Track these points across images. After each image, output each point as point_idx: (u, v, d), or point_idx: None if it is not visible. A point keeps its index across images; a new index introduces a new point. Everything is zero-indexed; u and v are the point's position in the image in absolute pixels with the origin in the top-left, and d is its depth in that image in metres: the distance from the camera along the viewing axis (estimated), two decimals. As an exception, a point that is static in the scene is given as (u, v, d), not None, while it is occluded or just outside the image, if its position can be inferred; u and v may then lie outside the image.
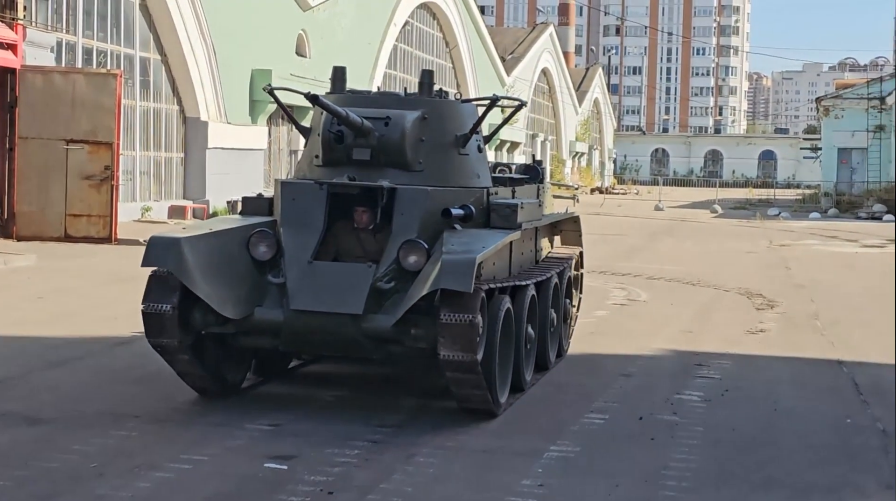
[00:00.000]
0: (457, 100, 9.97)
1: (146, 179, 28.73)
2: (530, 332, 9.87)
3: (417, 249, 8.47)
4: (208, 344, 8.87)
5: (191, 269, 8.10)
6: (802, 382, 10.92)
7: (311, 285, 8.42)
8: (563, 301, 11.48)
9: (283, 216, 8.95)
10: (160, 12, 28.19)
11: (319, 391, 9.61)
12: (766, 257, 26.12)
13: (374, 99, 9.58)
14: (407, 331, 8.30)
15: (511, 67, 65.17)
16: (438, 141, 9.41)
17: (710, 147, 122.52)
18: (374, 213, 8.84)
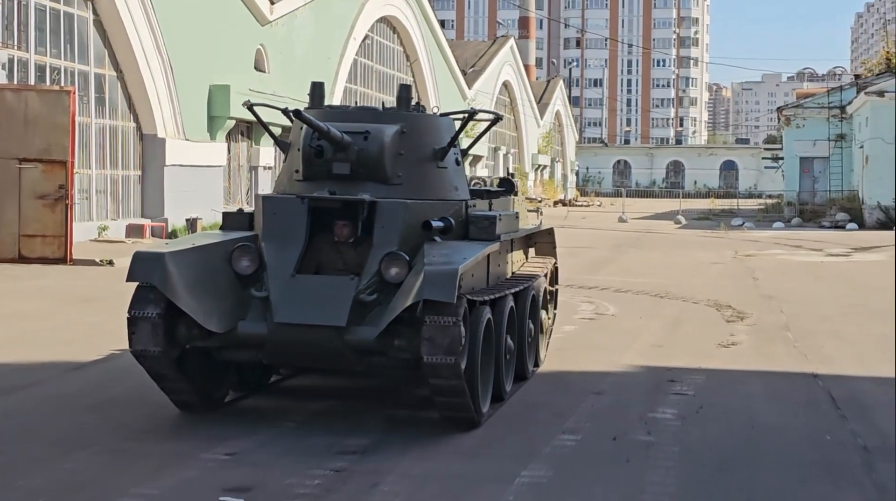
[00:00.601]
0: (434, 114, 10.05)
1: (103, 197, 28.17)
2: (510, 343, 9.93)
3: (399, 261, 8.56)
4: (192, 359, 8.90)
5: (175, 283, 8.21)
6: (778, 396, 10.62)
7: (294, 299, 8.50)
8: (540, 312, 11.61)
9: (265, 231, 9.04)
10: (115, 28, 27.69)
11: (282, 415, 9.22)
12: (733, 268, 25.92)
13: (353, 114, 9.68)
14: (390, 342, 8.36)
15: (472, 80, 64.94)
16: (417, 154, 9.49)
17: (672, 158, 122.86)
18: (354, 226, 8.95)
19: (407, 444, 8.31)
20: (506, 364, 9.81)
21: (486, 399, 9.17)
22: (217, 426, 8.77)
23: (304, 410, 9.44)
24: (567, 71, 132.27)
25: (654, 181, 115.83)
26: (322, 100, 9.85)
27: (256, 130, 35.17)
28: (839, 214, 48.03)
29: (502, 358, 9.60)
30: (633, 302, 18.22)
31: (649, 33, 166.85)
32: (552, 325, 12.98)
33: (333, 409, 9.56)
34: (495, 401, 9.49)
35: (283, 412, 9.35)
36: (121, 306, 15.67)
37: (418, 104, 9.95)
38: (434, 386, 8.31)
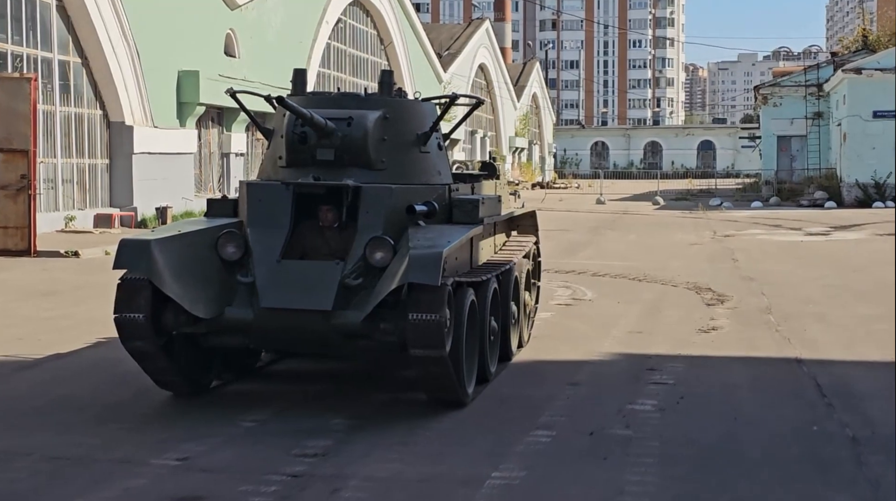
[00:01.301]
0: (416, 99, 10.10)
1: (69, 187, 27.55)
2: (493, 324, 9.99)
3: (384, 245, 8.62)
4: (179, 345, 8.97)
5: (161, 270, 8.28)
6: (762, 385, 10.19)
7: (280, 284, 8.58)
8: (523, 294, 11.65)
9: (250, 217, 9.11)
10: (79, 14, 27.05)
11: (244, 411, 8.73)
12: (712, 249, 25.53)
13: (336, 100, 9.75)
14: (376, 326, 8.42)
15: (447, 63, 64.38)
16: (400, 140, 9.58)
17: (650, 139, 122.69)
18: (339, 211, 9.04)
19: (372, 444, 7.86)
20: (490, 345, 9.88)
21: (472, 380, 9.23)
22: (172, 428, 8.29)
23: (268, 406, 8.96)
24: (543, 53, 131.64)
25: (632, 162, 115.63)
26: (305, 86, 9.97)
27: (228, 117, 34.58)
28: (817, 192, 47.74)
29: (486, 339, 9.68)
30: (611, 286, 17.80)
31: (625, 14, 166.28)
32: (536, 306, 13.05)
33: (298, 404, 9.08)
34: (481, 382, 9.58)
35: (245, 408, 8.86)
36: (80, 301, 15.31)
37: (400, 90, 10.06)
38: (420, 369, 8.41)
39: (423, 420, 8.55)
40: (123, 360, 10.82)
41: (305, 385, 9.95)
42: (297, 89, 9.94)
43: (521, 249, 11.95)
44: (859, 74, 46.46)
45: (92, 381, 10.05)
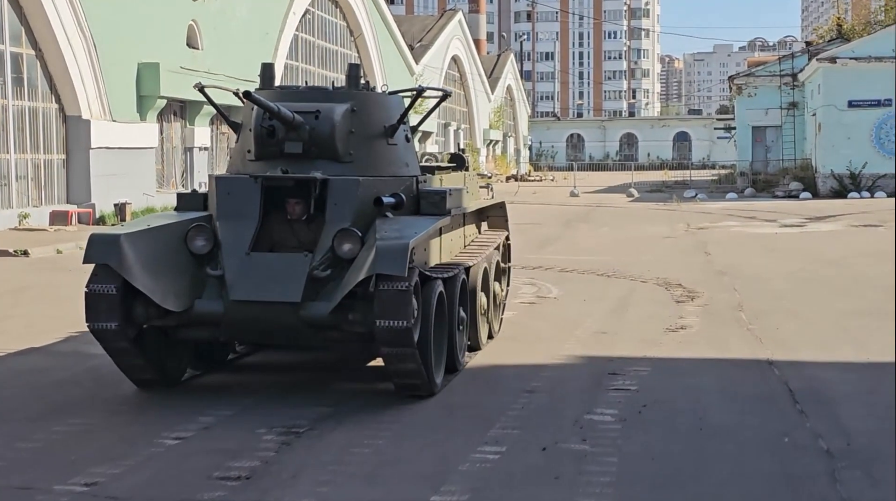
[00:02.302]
0: (384, 92, 10.24)
1: (24, 183, 26.71)
2: (462, 314, 10.09)
3: (351, 237, 8.73)
4: (150, 338, 9.01)
5: (131, 264, 8.33)
6: (730, 390, 9.54)
7: (249, 276, 8.67)
8: (493, 284, 11.71)
9: (219, 210, 9.16)
10: (32, 4, 26.16)
11: (168, 428, 8.05)
12: (685, 242, 24.95)
13: (304, 93, 9.86)
14: (344, 317, 8.52)
15: (420, 55, 63.63)
16: (367, 132, 9.68)
17: (625, 131, 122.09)
18: (307, 204, 9.11)
19: (302, 463, 7.20)
20: (459, 336, 9.97)
21: (440, 370, 9.36)
22: (87, 447, 7.59)
23: (187, 430, 8.26)
24: (518, 45, 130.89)
25: (608, 154, 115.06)
26: (272, 80, 10.03)
27: (191, 110, 33.77)
28: (792, 183, 47.24)
29: (455, 330, 9.75)
30: (578, 283, 17.16)
31: (600, 5, 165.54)
32: (506, 297, 13.02)
33: (227, 424, 8.38)
34: (450, 372, 9.68)
35: (172, 423, 8.17)
36: (20, 304, 14.55)
37: (367, 83, 10.14)
38: (387, 355, 8.48)
39: (363, 433, 7.90)
40: (50, 369, 10.18)
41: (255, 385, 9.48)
42: (265, 83, 9.98)
43: (490, 240, 12.00)
44: (834, 63, 45.94)
45: (5, 394, 9.32)
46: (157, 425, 8.18)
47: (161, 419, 8.38)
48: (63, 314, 13.28)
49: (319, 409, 8.67)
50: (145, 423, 8.30)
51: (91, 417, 8.45)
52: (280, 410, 8.62)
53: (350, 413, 8.53)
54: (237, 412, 8.63)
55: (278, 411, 8.59)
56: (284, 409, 8.65)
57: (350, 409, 8.68)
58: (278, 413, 8.49)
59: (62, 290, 15.95)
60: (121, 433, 8.01)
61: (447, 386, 9.49)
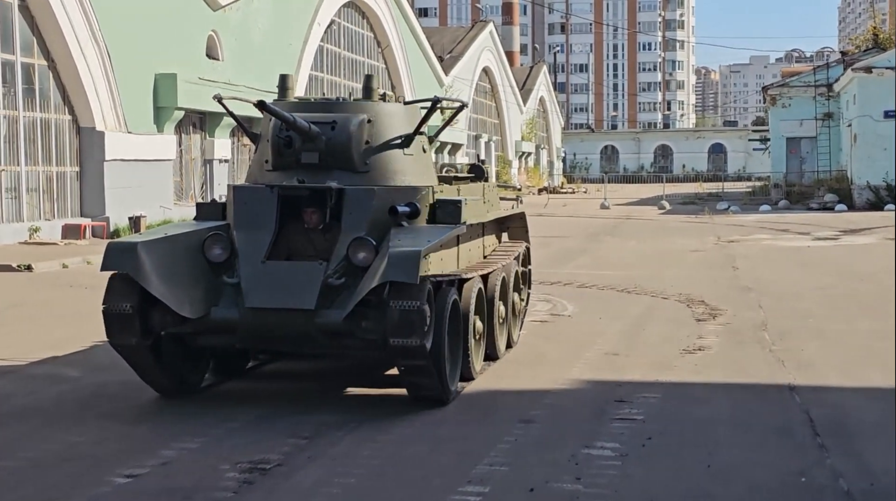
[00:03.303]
0: (400, 103, 10.29)
1: (35, 196, 26.18)
2: (478, 324, 10.07)
3: (366, 245, 8.80)
4: (167, 345, 9.12)
5: (148, 272, 8.44)
6: (745, 420, 8.75)
7: (265, 284, 8.76)
8: (512, 294, 11.67)
9: (236, 219, 9.30)
10: (43, 14, 25.67)
11: (148, 452, 7.37)
12: (713, 256, 24.12)
13: (320, 104, 10.03)
14: (358, 324, 8.59)
15: (449, 66, 62.99)
16: (383, 143, 9.75)
17: (660, 142, 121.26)
18: (323, 213, 9.21)
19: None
20: (475, 345, 9.98)
21: (455, 378, 9.41)
22: (36, 483, 6.91)
23: (177, 443, 7.59)
24: (552, 56, 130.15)
25: (643, 166, 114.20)
26: (290, 91, 10.21)
27: (210, 122, 33.23)
28: (827, 195, 46.25)
29: (470, 339, 9.73)
30: (596, 300, 16.40)
31: (634, 17, 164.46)
32: (525, 307, 12.96)
33: (186, 459, 7.70)
34: (464, 380, 9.72)
35: (158, 444, 7.50)
36: (5, 323, 13.90)
37: (384, 94, 10.18)
38: (401, 366, 8.64)
39: (336, 470, 7.19)
40: (12, 396, 9.54)
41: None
42: (283, 94, 10.16)
43: (509, 250, 12.10)
44: (870, 73, 44.94)
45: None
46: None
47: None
48: (45, 335, 12.67)
49: (294, 441, 7.97)
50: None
51: (42, 450, 7.77)
52: (251, 442, 7.92)
53: (326, 447, 7.82)
54: (201, 445, 7.93)
55: (247, 443, 7.88)
56: (255, 441, 7.94)
57: (328, 441, 7.97)
58: (248, 446, 7.79)
59: (55, 308, 15.36)
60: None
61: (436, 416, 8.78)
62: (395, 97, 10.51)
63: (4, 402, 9.22)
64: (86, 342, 12.20)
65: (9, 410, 8.95)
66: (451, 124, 11.59)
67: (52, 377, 10.31)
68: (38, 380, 10.20)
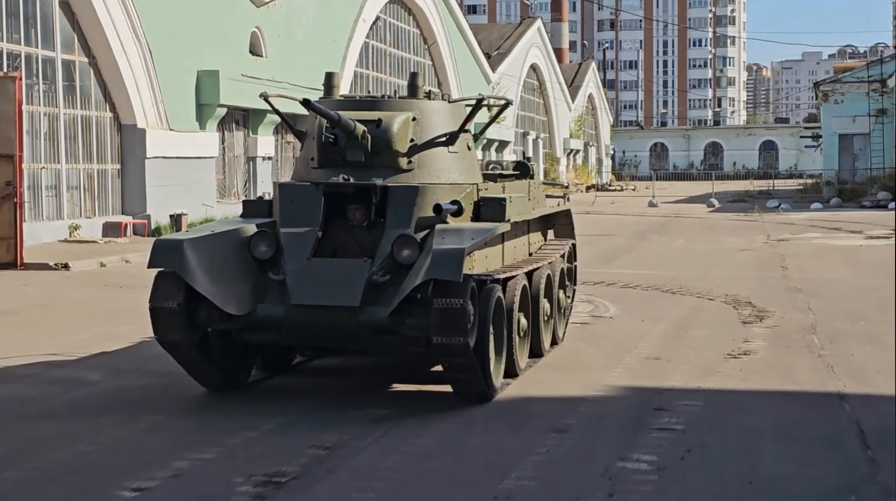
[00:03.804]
0: (445, 100, 10.28)
1: (76, 194, 26.02)
2: (523, 321, 10.11)
3: (410, 243, 8.83)
4: (214, 341, 9.18)
5: (194, 269, 8.51)
6: (791, 431, 8.28)
7: (310, 281, 8.78)
8: (557, 292, 11.62)
9: (282, 217, 9.39)
10: (84, 10, 25.49)
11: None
12: (762, 255, 23.57)
13: (365, 102, 10.07)
14: (402, 321, 8.63)
15: (497, 63, 62.47)
16: (428, 140, 9.79)
17: (710, 139, 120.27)
18: (368, 210, 9.30)
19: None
20: (519, 342, 9.97)
21: (499, 375, 9.43)
22: (62, 487, 6.59)
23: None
24: (601, 53, 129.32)
25: (692, 163, 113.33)
26: (336, 89, 10.29)
27: (254, 119, 32.99)
28: (881, 192, 45.36)
29: (515, 336, 9.71)
30: (640, 300, 15.93)
31: (685, 13, 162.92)
32: (571, 304, 12.94)
33: (204, 468, 7.35)
34: (509, 377, 9.70)
35: (172, 454, 7.17)
36: (31, 324, 13.65)
37: (429, 92, 10.25)
38: (445, 364, 8.68)
39: (354, 484, 6.81)
40: (30, 400, 9.25)
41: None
42: (328, 92, 10.23)
43: (554, 248, 12.18)
44: (925, 68, 44.02)
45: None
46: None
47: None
48: (70, 336, 12.41)
49: (313, 451, 7.60)
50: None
51: (49, 460, 7.45)
52: (269, 452, 7.57)
53: (346, 458, 7.44)
54: (216, 455, 7.58)
55: (264, 454, 7.53)
56: (273, 451, 7.58)
57: (348, 452, 7.59)
58: (265, 457, 7.43)
59: (86, 308, 15.12)
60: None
61: (466, 425, 8.40)
62: (441, 95, 10.50)
63: (18, 407, 8.91)
64: (111, 344, 11.92)
65: (21, 415, 8.65)
66: (497, 122, 11.70)
67: (70, 381, 10.00)
68: (56, 384, 9.90)
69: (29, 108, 24.24)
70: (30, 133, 24.29)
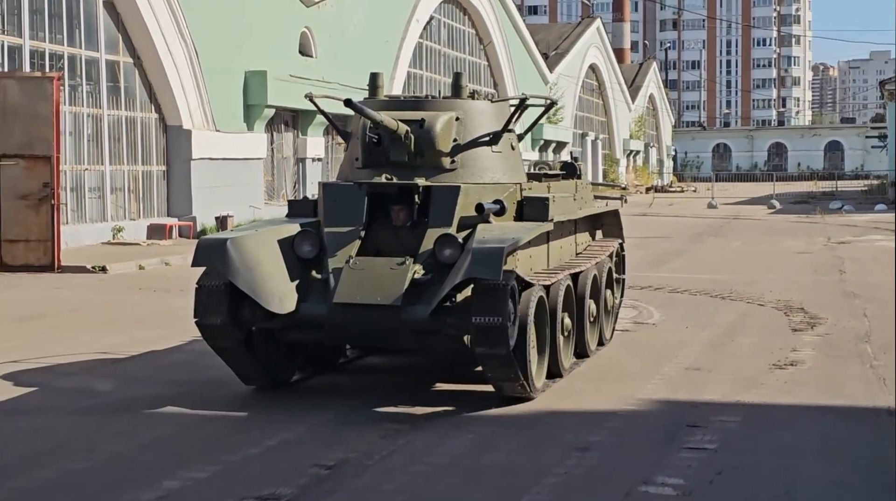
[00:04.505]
0: (488, 100, 10.28)
1: (120, 195, 25.77)
2: (567, 321, 10.08)
3: (452, 242, 8.83)
4: (258, 340, 9.27)
5: (237, 267, 8.58)
6: (833, 450, 7.66)
7: (353, 280, 8.80)
8: (604, 292, 11.54)
9: (326, 216, 9.44)
10: (129, 10, 25.23)
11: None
12: (820, 258, 22.79)
13: (410, 102, 10.18)
14: (443, 320, 8.62)
15: (554, 63, 61.82)
16: (471, 140, 9.81)
17: (774, 140, 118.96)
18: (410, 210, 9.32)
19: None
20: (563, 342, 9.94)
21: (541, 375, 9.37)
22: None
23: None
24: (663, 53, 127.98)
25: (756, 164, 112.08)
26: (381, 89, 10.32)
27: (303, 120, 32.65)
28: (948, 194, 44.18)
29: (558, 336, 9.68)
30: (686, 306, 15.31)
31: (749, 12, 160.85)
32: (619, 304, 12.83)
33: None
34: (553, 377, 9.69)
35: (163, 473, 6.71)
36: (54, 328, 13.29)
37: (473, 91, 10.32)
38: (483, 356, 8.51)
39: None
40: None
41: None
42: (373, 92, 10.27)
43: (601, 248, 12.12)
44: None
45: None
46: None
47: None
48: (90, 343, 12.04)
49: (315, 470, 7.10)
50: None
51: (33, 479, 7.02)
52: (267, 471, 7.08)
53: (348, 478, 6.94)
54: (211, 474, 7.11)
55: (262, 473, 7.04)
56: (271, 470, 7.10)
57: (352, 471, 7.10)
58: (262, 477, 6.95)
59: (115, 312, 14.76)
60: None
61: (484, 441, 7.88)
62: (485, 95, 10.55)
63: (18, 419, 8.50)
64: (130, 350, 11.53)
65: (18, 429, 8.23)
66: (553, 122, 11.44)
67: (77, 392, 9.57)
68: (63, 394, 9.46)
69: (73, 109, 24.09)
70: (73, 134, 24.10)
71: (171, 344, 11.89)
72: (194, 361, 10.96)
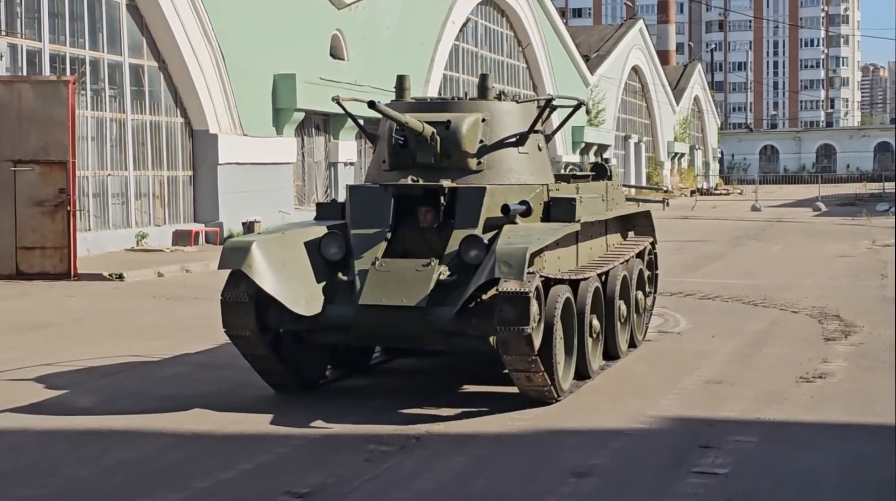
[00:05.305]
0: (515, 101, 10.24)
1: (145, 201, 25.40)
2: (595, 322, 9.98)
3: (477, 243, 8.85)
4: (285, 342, 9.26)
5: (263, 270, 8.59)
6: (856, 476, 7.01)
7: (379, 282, 8.82)
8: (635, 293, 11.46)
9: (353, 219, 9.45)
10: (153, 13, 24.86)
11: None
12: (862, 262, 22.04)
13: (436, 104, 10.26)
14: (468, 321, 8.62)
15: (596, 65, 61.09)
16: (498, 141, 9.80)
17: (822, 141, 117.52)
18: (437, 212, 9.34)
19: None
20: (592, 344, 9.91)
21: (568, 377, 9.32)
22: None
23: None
24: (709, 55, 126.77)
25: (804, 166, 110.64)
26: (407, 92, 10.31)
27: (334, 124, 32.20)
28: None
29: (586, 338, 9.66)
30: (716, 313, 14.66)
31: (796, 12, 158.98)
32: (651, 306, 12.72)
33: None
34: (582, 378, 9.65)
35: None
36: (57, 338, 12.83)
37: (500, 93, 10.25)
38: (508, 359, 8.45)
39: None
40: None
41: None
42: (400, 94, 10.25)
43: (630, 248, 11.93)
44: None
45: None
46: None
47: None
48: (88, 353, 11.56)
49: (285, 498, 6.55)
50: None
51: (6, 497, 6.53)
52: (234, 499, 6.54)
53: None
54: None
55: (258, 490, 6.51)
56: (239, 497, 6.55)
57: (326, 499, 6.54)
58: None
59: (120, 322, 14.28)
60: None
61: (474, 465, 7.29)
62: (512, 96, 10.44)
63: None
64: (126, 362, 11.05)
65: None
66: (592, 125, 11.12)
67: (55, 408, 9.04)
68: (37, 413, 8.94)
69: (95, 113, 23.77)
70: (96, 140, 23.75)
71: (170, 355, 11.41)
72: (189, 374, 10.48)
